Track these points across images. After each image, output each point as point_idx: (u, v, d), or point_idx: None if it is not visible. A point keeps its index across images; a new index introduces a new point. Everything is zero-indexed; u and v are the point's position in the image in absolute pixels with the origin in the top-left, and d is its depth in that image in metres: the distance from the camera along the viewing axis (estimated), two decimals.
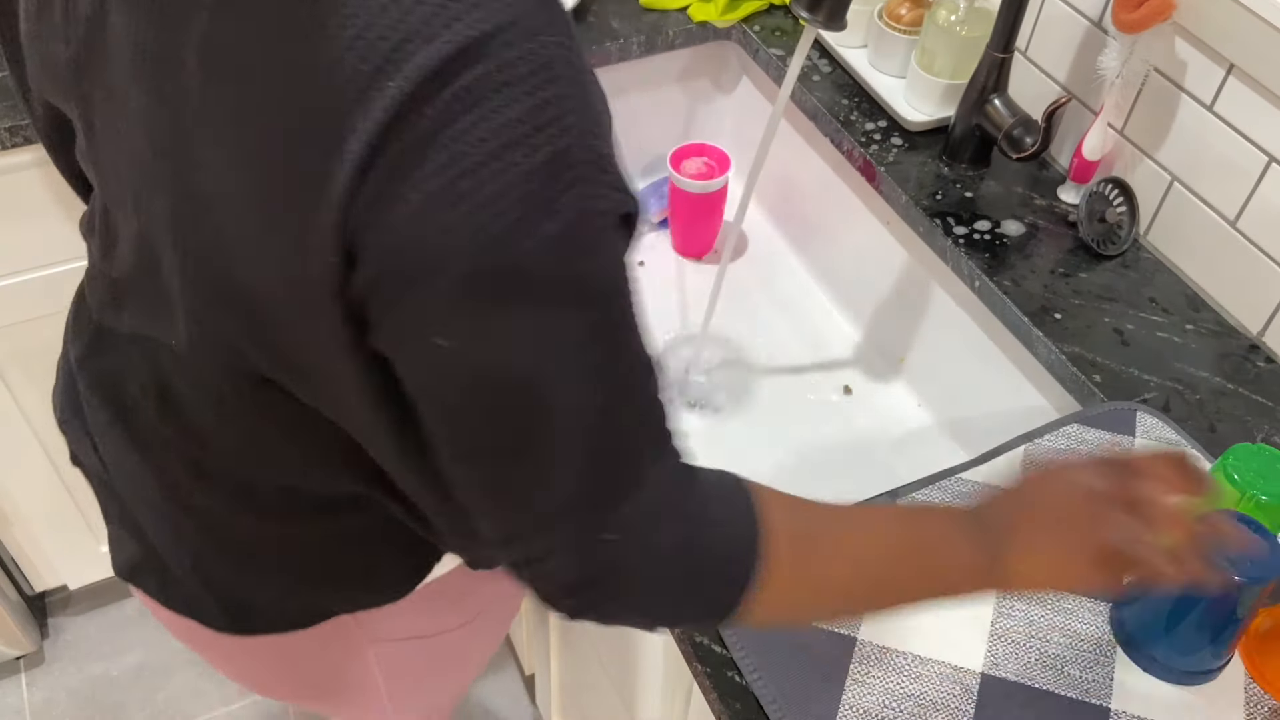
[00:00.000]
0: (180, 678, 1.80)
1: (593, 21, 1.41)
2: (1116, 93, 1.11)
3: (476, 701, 1.79)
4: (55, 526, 1.67)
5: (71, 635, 1.85)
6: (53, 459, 1.58)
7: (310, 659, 0.91)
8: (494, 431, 0.55)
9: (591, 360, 0.54)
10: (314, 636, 0.86)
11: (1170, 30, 1.05)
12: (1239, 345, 1.06)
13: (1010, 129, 1.16)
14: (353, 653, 0.91)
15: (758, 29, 1.43)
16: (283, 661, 0.90)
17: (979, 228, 1.16)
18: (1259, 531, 0.73)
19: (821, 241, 1.40)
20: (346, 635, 0.88)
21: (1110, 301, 1.09)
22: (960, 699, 0.76)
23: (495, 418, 0.55)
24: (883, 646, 0.79)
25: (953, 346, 1.20)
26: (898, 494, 0.89)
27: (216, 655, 0.92)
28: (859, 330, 1.35)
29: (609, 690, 1.17)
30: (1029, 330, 1.07)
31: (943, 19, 1.22)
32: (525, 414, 0.54)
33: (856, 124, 1.29)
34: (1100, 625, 0.81)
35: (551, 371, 0.53)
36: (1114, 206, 1.14)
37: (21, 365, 1.45)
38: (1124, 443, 0.94)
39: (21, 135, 1.22)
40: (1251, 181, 1.02)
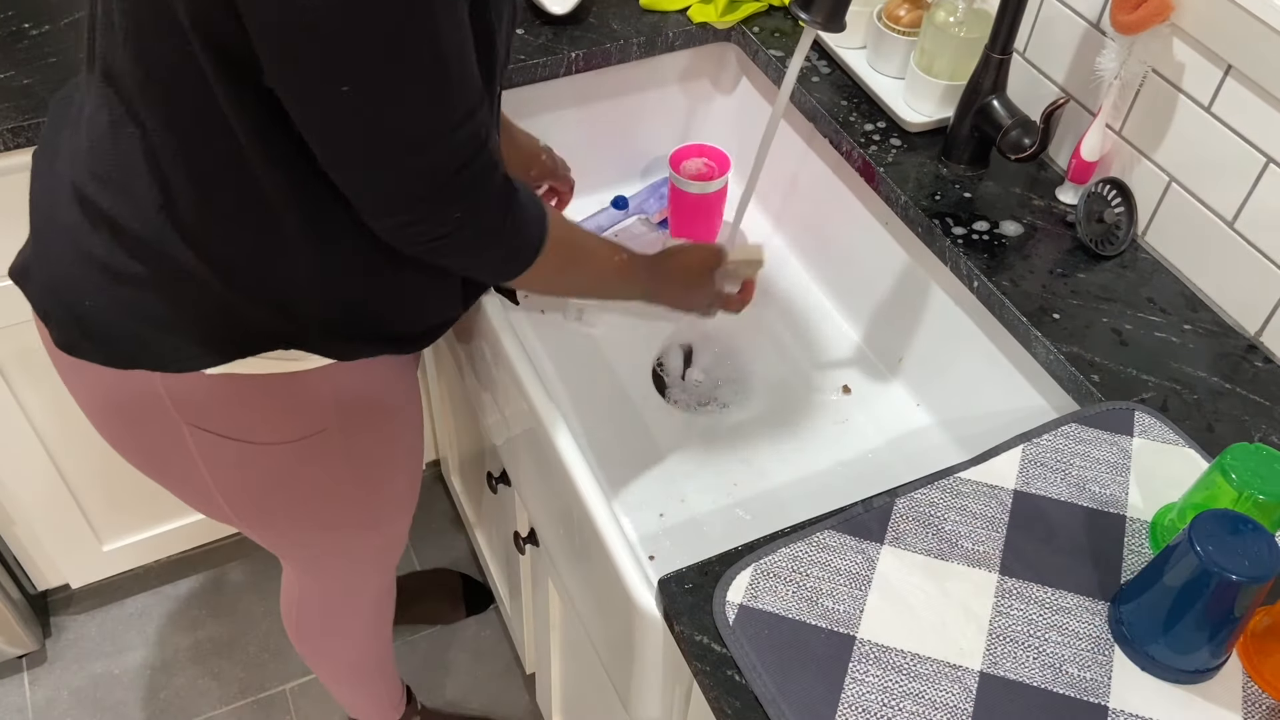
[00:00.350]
0: (182, 676, 1.81)
1: (593, 22, 1.41)
2: (1115, 94, 1.11)
3: (477, 700, 1.79)
4: (57, 525, 1.67)
5: (73, 634, 1.86)
6: (54, 458, 1.58)
7: (131, 413, 0.97)
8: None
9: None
10: (130, 389, 0.94)
11: (1168, 31, 1.05)
12: (1237, 345, 1.06)
13: (1009, 130, 1.16)
14: (168, 426, 0.97)
15: (757, 30, 1.43)
16: (113, 408, 0.98)
17: (977, 228, 1.16)
18: (1257, 531, 0.73)
19: (821, 242, 1.41)
20: (158, 402, 0.94)
21: (1108, 302, 1.09)
22: (959, 698, 0.77)
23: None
24: (882, 645, 0.80)
25: (951, 347, 1.20)
26: (897, 493, 0.89)
27: (65, 375, 0.99)
28: (858, 330, 1.36)
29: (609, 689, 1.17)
30: (1027, 330, 1.07)
31: (941, 20, 1.22)
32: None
33: (855, 125, 1.29)
34: (1099, 624, 0.82)
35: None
36: (1112, 207, 1.14)
37: (22, 365, 1.45)
38: (1122, 443, 0.94)
39: (24, 136, 1.23)
40: (1249, 182, 1.02)
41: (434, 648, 1.85)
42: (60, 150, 0.92)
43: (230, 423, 0.97)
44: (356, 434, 1.05)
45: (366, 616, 1.39)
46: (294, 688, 1.80)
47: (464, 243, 0.86)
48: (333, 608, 1.35)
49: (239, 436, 0.98)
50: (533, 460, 1.13)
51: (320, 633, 1.40)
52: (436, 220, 0.84)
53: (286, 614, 1.41)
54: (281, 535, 1.15)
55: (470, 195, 0.84)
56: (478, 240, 0.87)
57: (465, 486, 1.79)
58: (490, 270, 0.94)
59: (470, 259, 0.90)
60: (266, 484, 1.05)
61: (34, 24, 1.35)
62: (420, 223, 0.84)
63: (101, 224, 0.87)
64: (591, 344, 1.32)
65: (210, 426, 0.97)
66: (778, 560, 0.85)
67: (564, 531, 1.08)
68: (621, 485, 1.17)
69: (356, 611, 1.37)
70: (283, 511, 1.10)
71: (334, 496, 1.10)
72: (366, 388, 1.03)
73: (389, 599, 1.42)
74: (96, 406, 1.00)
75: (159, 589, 1.92)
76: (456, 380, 1.51)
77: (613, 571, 0.92)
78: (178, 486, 1.07)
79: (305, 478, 1.06)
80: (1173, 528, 0.85)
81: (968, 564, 0.85)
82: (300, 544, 1.18)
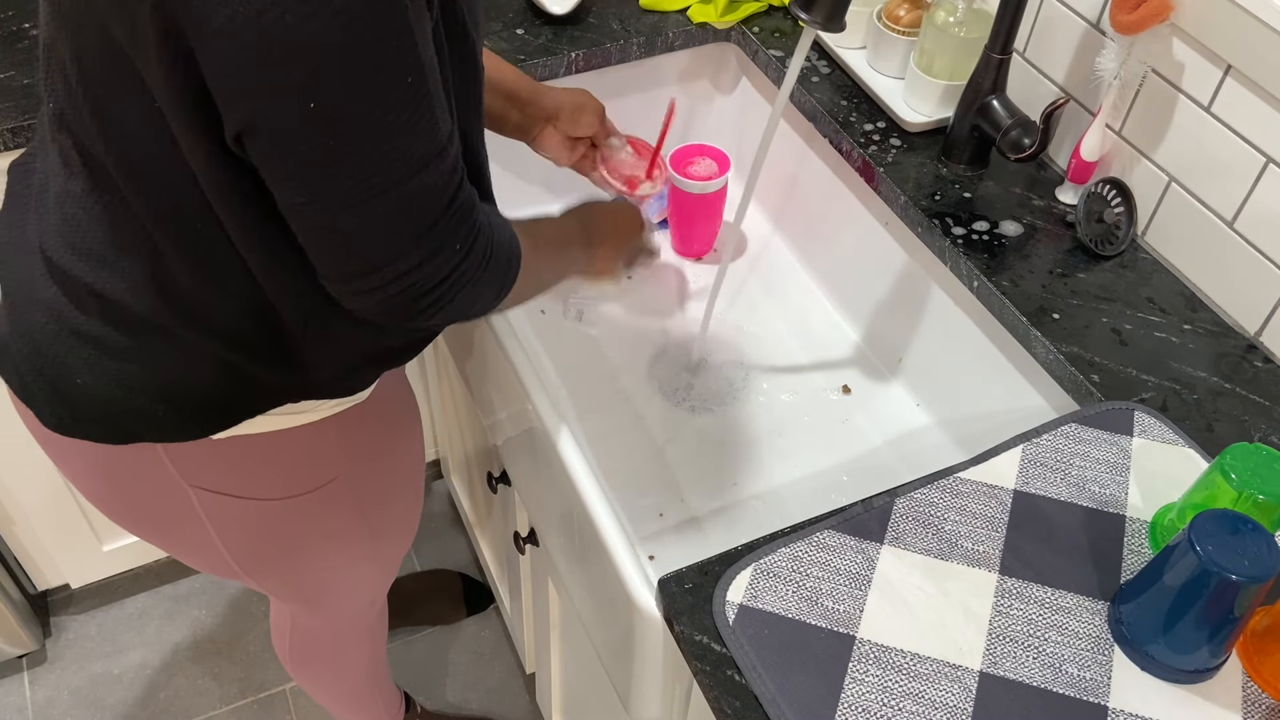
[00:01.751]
0: (182, 676, 1.81)
1: (593, 22, 1.41)
2: (1114, 94, 1.11)
3: (477, 700, 1.79)
4: (57, 525, 1.67)
5: (73, 634, 1.86)
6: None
7: (132, 483, 0.94)
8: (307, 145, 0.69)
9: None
10: (129, 459, 0.91)
11: (1168, 32, 1.05)
12: (1236, 345, 1.06)
13: (1009, 130, 1.16)
14: (172, 489, 0.94)
15: (757, 30, 1.43)
16: (109, 479, 0.95)
17: (977, 228, 1.16)
18: (1257, 531, 0.73)
19: (820, 242, 1.41)
20: (161, 469, 0.92)
21: (1108, 301, 1.09)
22: (959, 697, 0.77)
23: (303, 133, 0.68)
24: (882, 645, 0.80)
25: (951, 346, 1.20)
26: (897, 493, 0.90)
27: (55, 453, 0.96)
28: (858, 330, 1.36)
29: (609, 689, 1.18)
30: (1027, 330, 1.07)
31: (941, 20, 1.22)
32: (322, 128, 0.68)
33: (855, 125, 1.29)
34: (1099, 624, 0.82)
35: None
36: (1112, 207, 1.14)
37: None
38: (1122, 443, 0.94)
39: (24, 136, 1.23)
40: (1249, 182, 1.02)
41: (433, 648, 1.85)
42: (28, 223, 0.87)
43: (239, 482, 0.95)
44: (365, 475, 1.04)
45: (362, 643, 1.38)
46: (294, 687, 1.80)
47: (468, 276, 0.80)
48: (331, 638, 1.34)
49: (249, 495, 0.96)
50: (533, 460, 1.13)
51: (318, 661, 1.39)
52: (441, 259, 0.77)
53: (278, 643, 1.39)
54: (284, 581, 1.13)
55: (465, 224, 0.78)
56: (480, 271, 0.81)
57: (465, 486, 1.79)
58: (485, 301, 0.86)
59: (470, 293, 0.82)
60: (277, 538, 1.03)
61: (34, 24, 1.35)
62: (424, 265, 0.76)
63: (86, 298, 0.83)
64: (591, 344, 1.32)
65: (218, 488, 0.95)
66: (778, 560, 0.85)
67: (564, 531, 1.08)
68: (621, 485, 1.17)
69: (354, 639, 1.36)
70: (290, 562, 1.08)
71: (341, 540, 1.09)
72: (373, 426, 1.01)
73: (382, 622, 1.41)
74: (95, 483, 0.96)
75: (159, 589, 1.92)
76: (457, 380, 1.51)
77: (613, 571, 0.92)
78: (180, 547, 1.04)
79: (315, 528, 1.04)
80: (1172, 528, 0.85)
81: (968, 564, 0.85)
82: (302, 588, 1.15)
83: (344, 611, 1.27)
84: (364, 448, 1.02)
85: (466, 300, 0.82)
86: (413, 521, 1.21)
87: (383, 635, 1.43)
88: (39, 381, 0.87)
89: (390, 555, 1.21)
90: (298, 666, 1.40)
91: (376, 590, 1.27)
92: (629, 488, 1.17)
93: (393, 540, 1.18)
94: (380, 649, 1.45)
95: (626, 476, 1.18)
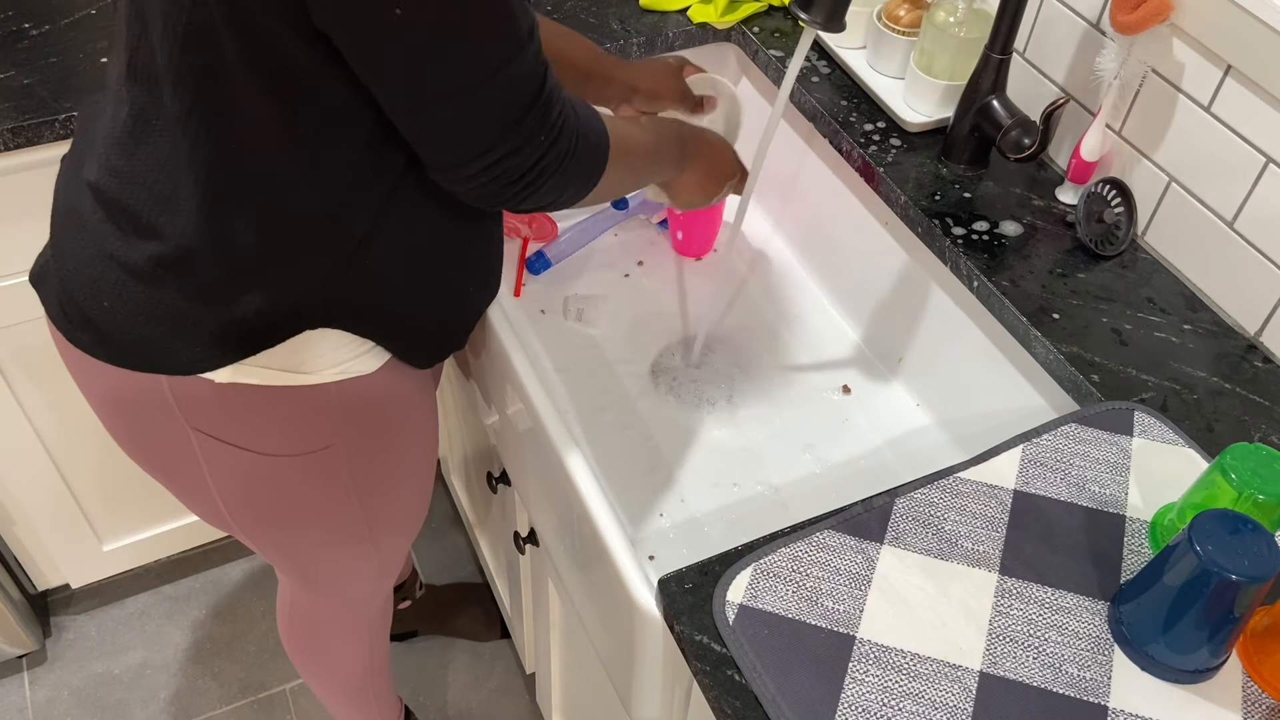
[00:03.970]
0: (182, 676, 1.81)
1: (593, 22, 1.41)
2: (1114, 94, 1.11)
3: (476, 700, 1.79)
4: (57, 525, 1.67)
5: (73, 634, 1.86)
6: (55, 459, 1.58)
7: (140, 416, 0.98)
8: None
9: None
10: (139, 390, 0.94)
11: (1168, 32, 1.06)
12: (1236, 345, 1.06)
13: (1008, 130, 1.16)
14: (174, 428, 0.97)
15: (757, 30, 1.43)
16: (119, 409, 0.99)
17: (977, 228, 1.16)
18: (1257, 531, 0.73)
19: (820, 242, 1.41)
20: (166, 407, 0.95)
21: (1108, 301, 1.09)
22: (959, 697, 0.77)
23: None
24: (882, 645, 0.80)
25: (951, 346, 1.20)
26: (897, 493, 0.90)
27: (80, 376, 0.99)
28: (858, 330, 1.36)
29: (609, 689, 1.18)
30: (1027, 330, 1.07)
31: (941, 20, 1.22)
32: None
33: (855, 125, 1.29)
34: (1098, 624, 0.82)
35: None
36: (1112, 207, 1.14)
37: (23, 365, 1.45)
38: (1122, 443, 0.94)
39: (24, 136, 1.23)
40: (1249, 182, 1.02)
41: (434, 647, 1.85)
42: (86, 154, 0.92)
43: (235, 430, 0.97)
44: (363, 451, 1.05)
45: (360, 633, 1.38)
46: (294, 687, 1.80)
47: (554, 166, 0.85)
48: (327, 623, 1.34)
49: (244, 445, 0.98)
50: (533, 460, 1.13)
51: (313, 646, 1.40)
52: (530, 149, 0.82)
53: (281, 623, 1.41)
54: (278, 547, 1.15)
55: (551, 114, 0.82)
56: (566, 161, 0.86)
57: (465, 486, 1.79)
58: (574, 189, 0.91)
59: (560, 182, 0.88)
60: (269, 494, 1.04)
61: (34, 24, 1.36)
62: (512, 155, 0.82)
63: (125, 223, 0.87)
64: (591, 344, 1.32)
65: (215, 433, 0.97)
66: (778, 560, 0.85)
67: (564, 532, 1.08)
68: (621, 485, 1.17)
69: (351, 628, 1.36)
70: (282, 523, 1.09)
71: (335, 513, 1.09)
72: (376, 403, 1.02)
73: (384, 616, 1.41)
74: (107, 405, 1.00)
75: (159, 589, 1.92)
76: (457, 380, 1.51)
77: (613, 571, 0.92)
78: (180, 488, 1.07)
79: (308, 492, 1.05)
80: (1172, 527, 0.85)
81: (968, 564, 0.85)
82: (296, 558, 1.17)
83: (341, 596, 1.27)
84: (362, 424, 1.02)
85: (555, 187, 0.87)
86: (413, 517, 1.21)
87: (383, 633, 1.44)
88: (70, 303, 0.93)
89: (389, 546, 1.21)
90: (294, 647, 1.41)
91: (376, 581, 1.27)
92: (629, 487, 1.17)
93: (390, 531, 1.18)
94: (380, 647, 1.45)
95: (626, 476, 1.18)
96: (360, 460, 1.05)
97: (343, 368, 0.96)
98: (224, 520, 1.09)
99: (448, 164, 0.83)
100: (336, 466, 1.03)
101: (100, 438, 1.59)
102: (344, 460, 1.03)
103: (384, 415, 1.04)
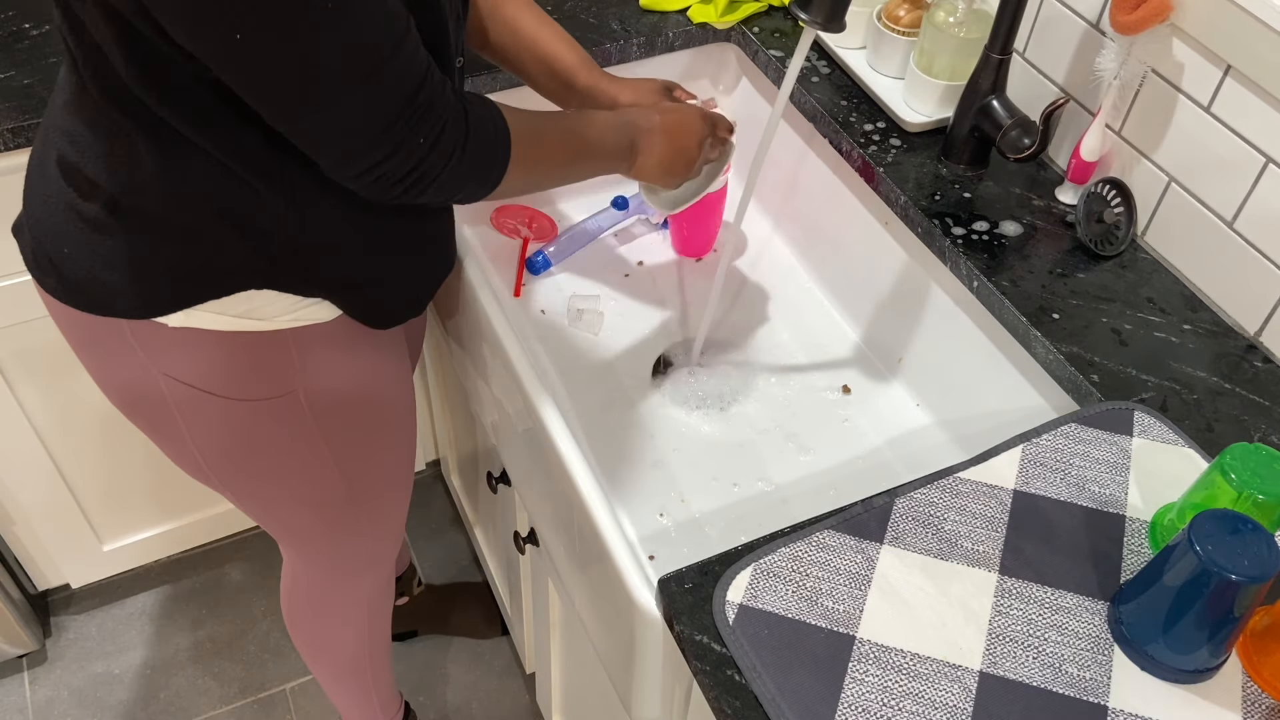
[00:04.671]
0: (182, 676, 1.81)
1: (593, 22, 1.41)
2: (1114, 94, 1.11)
3: (476, 700, 1.79)
4: (57, 525, 1.67)
5: (74, 634, 1.86)
6: (54, 458, 1.58)
7: (112, 359, 1.01)
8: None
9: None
10: (106, 335, 0.98)
11: (1168, 32, 1.06)
12: (1236, 345, 1.06)
13: (1008, 130, 1.16)
14: (143, 372, 1.00)
15: (757, 31, 1.44)
16: (93, 352, 1.02)
17: (977, 228, 1.16)
18: (1256, 531, 0.73)
19: (820, 242, 1.41)
20: (130, 349, 0.98)
21: (1108, 302, 1.09)
22: (959, 697, 0.77)
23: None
24: (882, 645, 0.80)
25: (951, 346, 1.20)
26: (897, 493, 0.90)
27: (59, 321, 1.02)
28: (857, 330, 1.36)
29: (609, 689, 1.18)
30: (1027, 330, 1.07)
31: (941, 20, 1.22)
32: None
33: (855, 125, 1.29)
34: (1098, 624, 0.82)
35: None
36: (1112, 207, 1.14)
37: (22, 365, 1.46)
38: (1122, 443, 0.94)
39: (24, 136, 1.23)
40: (1249, 182, 1.03)
41: (434, 647, 1.85)
42: (52, 117, 0.96)
43: (196, 374, 0.99)
44: (326, 398, 1.06)
45: (359, 610, 1.39)
46: (294, 687, 1.80)
47: (437, 168, 0.86)
48: (326, 597, 1.35)
49: (207, 389, 1.00)
50: (533, 460, 1.13)
51: (311, 620, 1.40)
52: (405, 154, 0.83)
53: (283, 600, 1.42)
54: (256, 501, 1.16)
55: (430, 119, 0.83)
56: (450, 162, 0.87)
57: (465, 486, 1.79)
58: (470, 189, 0.92)
59: (448, 181, 0.88)
60: (239, 441, 1.06)
61: (34, 24, 1.36)
62: (388, 160, 0.83)
63: (81, 180, 0.91)
64: (591, 344, 1.32)
65: (178, 375, 0.99)
66: (778, 560, 0.85)
67: (564, 531, 1.08)
68: (621, 485, 1.17)
69: (348, 602, 1.37)
70: (256, 474, 1.11)
71: (308, 464, 1.10)
72: (335, 350, 1.04)
73: (384, 598, 1.42)
74: (83, 351, 1.03)
75: (159, 589, 1.92)
76: (456, 380, 1.51)
77: (613, 571, 0.92)
78: (161, 438, 1.09)
79: (276, 439, 1.07)
80: (1172, 527, 0.85)
81: (967, 564, 0.85)
82: (277, 515, 1.18)
83: (337, 567, 1.29)
84: (324, 371, 1.04)
85: (445, 186, 0.88)
86: (395, 477, 1.22)
87: (383, 619, 1.44)
88: (39, 249, 0.97)
89: (373, 507, 1.22)
90: (293, 622, 1.42)
91: (371, 552, 1.28)
92: (629, 488, 1.17)
93: (371, 490, 1.19)
94: (379, 634, 1.45)
95: (626, 476, 1.18)
96: (323, 407, 1.06)
97: (297, 314, 0.98)
98: (205, 473, 1.11)
99: (327, 165, 0.85)
100: (300, 413, 1.05)
101: (100, 438, 1.59)
102: (307, 407, 1.05)
103: (345, 363, 1.06)
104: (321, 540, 1.23)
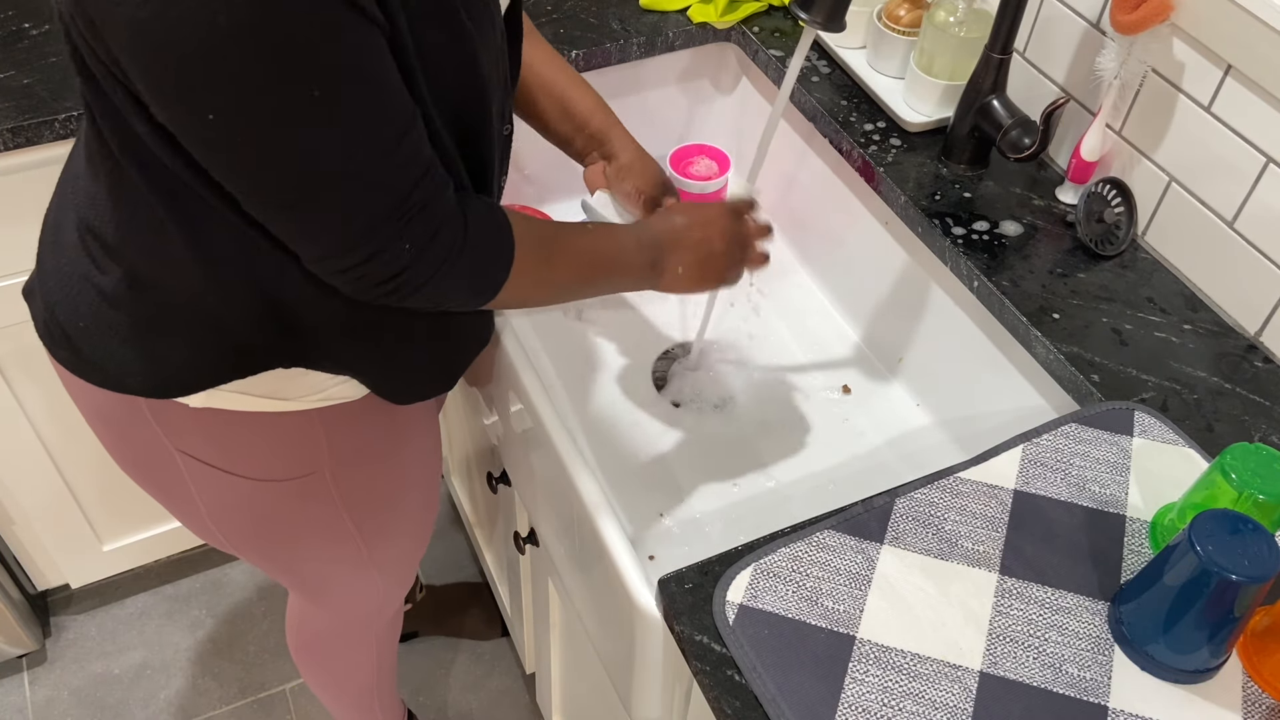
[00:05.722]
0: (182, 676, 1.81)
1: (593, 22, 1.41)
2: (1114, 94, 1.11)
3: (477, 699, 1.79)
4: (57, 525, 1.67)
5: (73, 634, 1.86)
6: (54, 458, 1.58)
7: (127, 434, 0.97)
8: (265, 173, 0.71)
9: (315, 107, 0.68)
10: (122, 410, 0.93)
11: (1168, 31, 1.05)
12: (1236, 345, 1.06)
13: (1009, 130, 1.16)
14: (160, 448, 0.96)
15: (757, 30, 1.43)
16: (108, 426, 0.98)
17: (977, 228, 1.16)
18: (1257, 531, 0.73)
19: (820, 242, 1.41)
20: (148, 426, 0.94)
21: (1108, 301, 1.09)
22: (959, 697, 0.77)
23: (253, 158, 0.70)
24: (882, 645, 0.80)
25: (951, 346, 1.20)
26: (897, 493, 0.89)
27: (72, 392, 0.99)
28: (857, 330, 1.36)
29: (609, 689, 1.18)
30: (1027, 330, 1.07)
31: (941, 20, 1.22)
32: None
33: (855, 125, 1.29)
34: (1099, 624, 0.82)
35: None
36: (1112, 207, 1.14)
37: (22, 365, 1.45)
38: (1122, 443, 0.94)
39: (24, 135, 1.23)
40: (1249, 182, 1.02)
41: (434, 648, 1.85)
42: (72, 171, 0.91)
43: (217, 454, 0.96)
44: (352, 476, 1.03)
45: (369, 646, 1.37)
46: (294, 687, 1.80)
47: (423, 276, 0.80)
48: (335, 636, 1.33)
49: (227, 468, 0.97)
50: (533, 460, 1.13)
51: (321, 658, 1.39)
52: (388, 258, 0.77)
53: (290, 634, 1.40)
54: (275, 565, 1.13)
55: (420, 224, 0.77)
56: (439, 272, 0.80)
57: (465, 486, 1.79)
58: (461, 298, 0.85)
59: (434, 292, 0.82)
60: (258, 516, 1.03)
61: (34, 24, 1.35)
62: (367, 264, 0.77)
63: (96, 248, 0.87)
64: (591, 344, 1.32)
65: (197, 455, 0.96)
66: (778, 560, 0.85)
67: (564, 532, 1.08)
68: (621, 485, 1.17)
69: (360, 642, 1.35)
70: (276, 543, 1.08)
71: (329, 534, 1.08)
72: (362, 429, 1.00)
73: (393, 630, 1.40)
74: (96, 422, 1.00)
75: (159, 589, 1.92)
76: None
77: (613, 571, 0.92)
78: (174, 507, 1.06)
79: (298, 514, 1.04)
80: (1172, 527, 0.85)
81: (968, 564, 0.85)
82: (295, 574, 1.16)
83: (349, 613, 1.26)
84: (352, 449, 1.01)
85: (434, 295, 0.82)
86: (415, 535, 1.20)
87: (391, 645, 1.43)
88: (52, 320, 0.92)
89: (392, 565, 1.19)
90: (302, 659, 1.41)
91: (384, 598, 1.25)
92: (629, 488, 1.17)
93: (391, 550, 1.17)
94: (388, 660, 1.44)
95: (626, 476, 1.18)
96: (349, 485, 1.03)
97: (325, 394, 0.94)
98: (222, 542, 1.08)
99: (308, 259, 0.79)
100: (324, 491, 1.02)
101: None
102: (332, 485, 1.02)
103: (372, 441, 1.02)
104: (334, 592, 1.20)
